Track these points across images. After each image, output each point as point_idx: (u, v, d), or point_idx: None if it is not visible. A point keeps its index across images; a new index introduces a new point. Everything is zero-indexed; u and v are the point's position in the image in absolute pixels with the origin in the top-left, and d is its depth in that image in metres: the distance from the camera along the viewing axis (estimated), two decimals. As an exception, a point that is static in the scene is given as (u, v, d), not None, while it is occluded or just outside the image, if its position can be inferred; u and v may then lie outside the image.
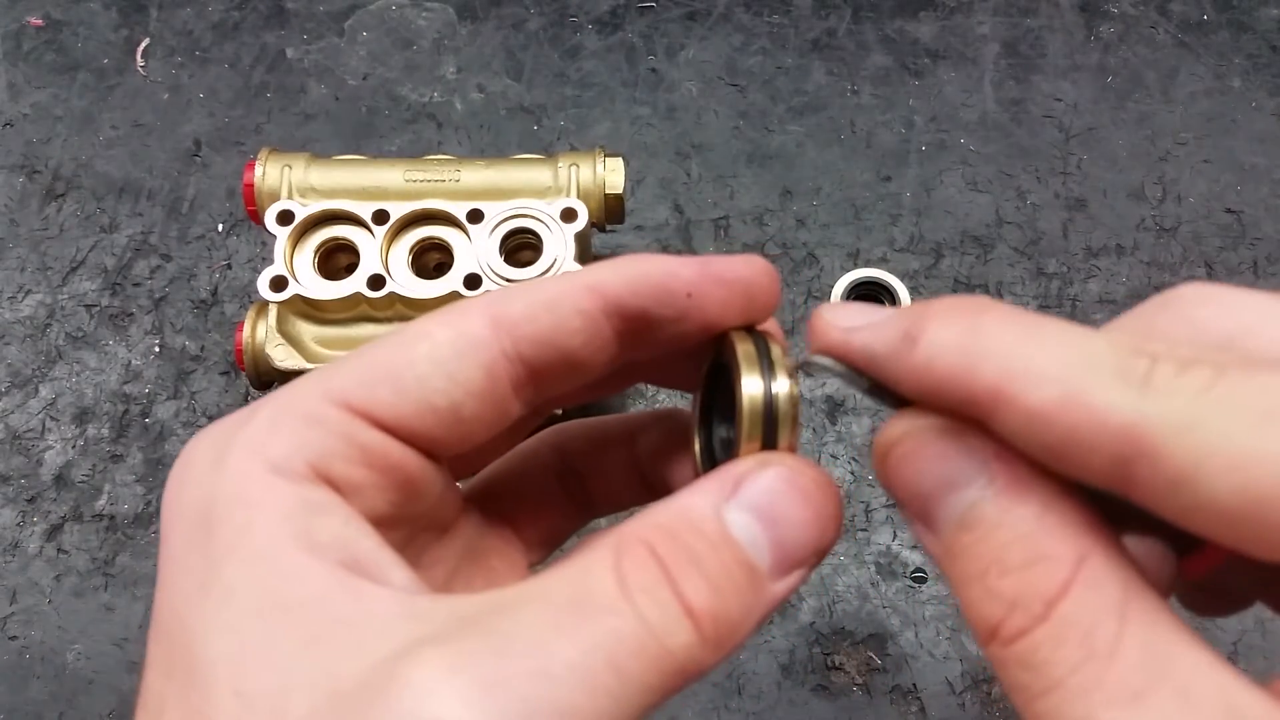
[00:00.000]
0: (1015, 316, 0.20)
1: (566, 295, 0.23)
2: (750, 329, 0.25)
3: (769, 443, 0.23)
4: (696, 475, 0.24)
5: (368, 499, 0.22)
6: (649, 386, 0.62)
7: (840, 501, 0.23)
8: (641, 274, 0.23)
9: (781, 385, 0.23)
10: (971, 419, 0.20)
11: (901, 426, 0.22)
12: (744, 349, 0.24)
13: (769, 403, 0.23)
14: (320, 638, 0.19)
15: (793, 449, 0.23)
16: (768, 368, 0.23)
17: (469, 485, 0.29)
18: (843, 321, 0.23)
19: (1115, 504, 0.19)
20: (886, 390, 0.22)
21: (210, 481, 0.21)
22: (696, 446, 0.26)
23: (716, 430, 0.26)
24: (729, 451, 0.24)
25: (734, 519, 0.21)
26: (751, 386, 0.23)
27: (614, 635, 0.19)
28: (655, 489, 0.29)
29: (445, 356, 0.22)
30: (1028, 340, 0.19)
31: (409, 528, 0.23)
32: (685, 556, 0.20)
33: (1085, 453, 0.18)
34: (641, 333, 0.24)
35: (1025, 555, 0.19)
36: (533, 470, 0.30)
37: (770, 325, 0.25)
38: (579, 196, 0.57)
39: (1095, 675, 0.18)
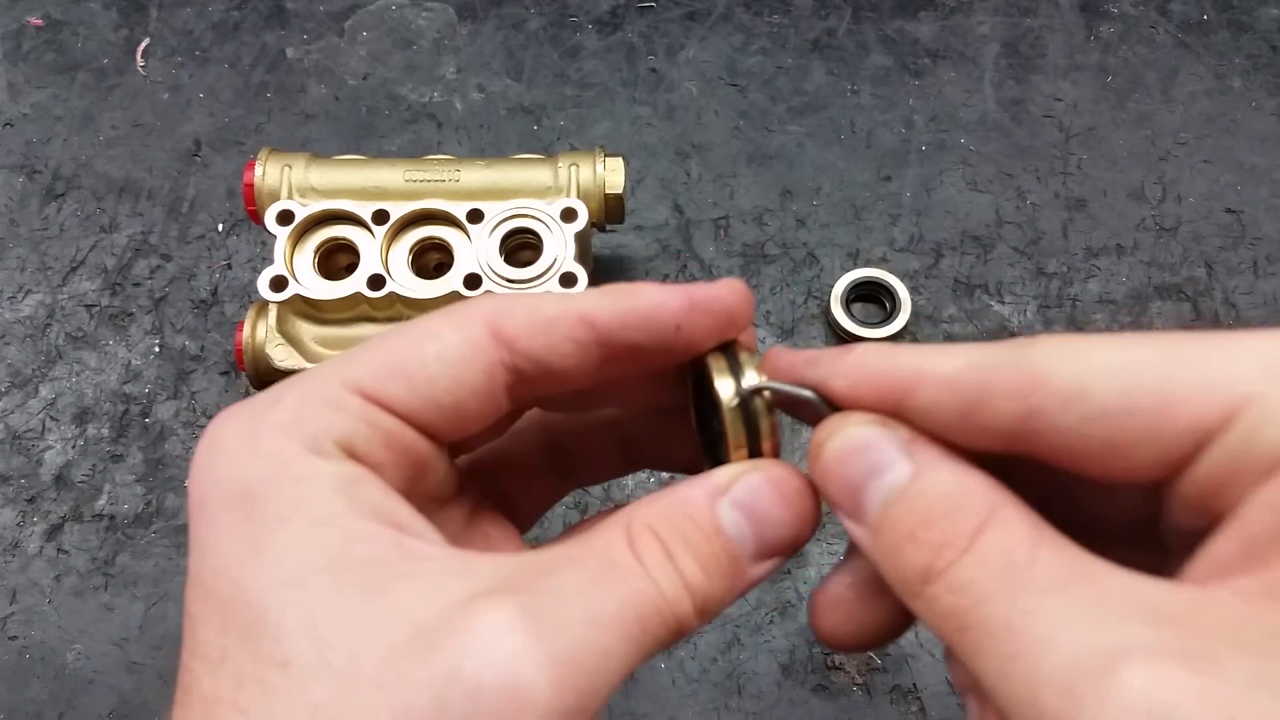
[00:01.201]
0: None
1: (561, 321, 0.26)
2: (725, 344, 0.28)
3: (753, 445, 0.27)
4: (692, 468, 0.29)
5: (388, 476, 0.25)
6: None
7: (817, 503, 0.26)
8: (632, 308, 0.26)
9: (753, 385, 0.26)
10: (891, 411, 0.25)
11: (832, 424, 0.25)
12: (718, 365, 0.27)
13: (748, 411, 0.26)
14: (386, 589, 0.22)
15: (775, 447, 0.27)
16: (740, 378, 0.27)
17: (464, 461, 0.31)
18: (791, 355, 0.27)
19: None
20: (823, 403, 0.26)
21: (247, 459, 0.23)
22: (698, 439, 0.30)
23: (711, 422, 0.28)
24: (720, 447, 0.27)
25: (724, 513, 0.25)
26: (730, 398, 0.26)
27: (641, 596, 0.23)
28: (637, 462, 0.33)
29: (453, 359, 0.25)
30: (933, 348, 0.25)
31: (417, 501, 0.26)
32: (682, 541, 0.24)
33: (994, 399, 0.23)
34: (628, 358, 0.27)
35: (946, 508, 0.23)
36: (522, 448, 0.32)
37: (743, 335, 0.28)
38: (579, 196, 0.57)
39: (1018, 579, 0.21)
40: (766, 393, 0.27)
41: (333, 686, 0.21)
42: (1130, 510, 0.25)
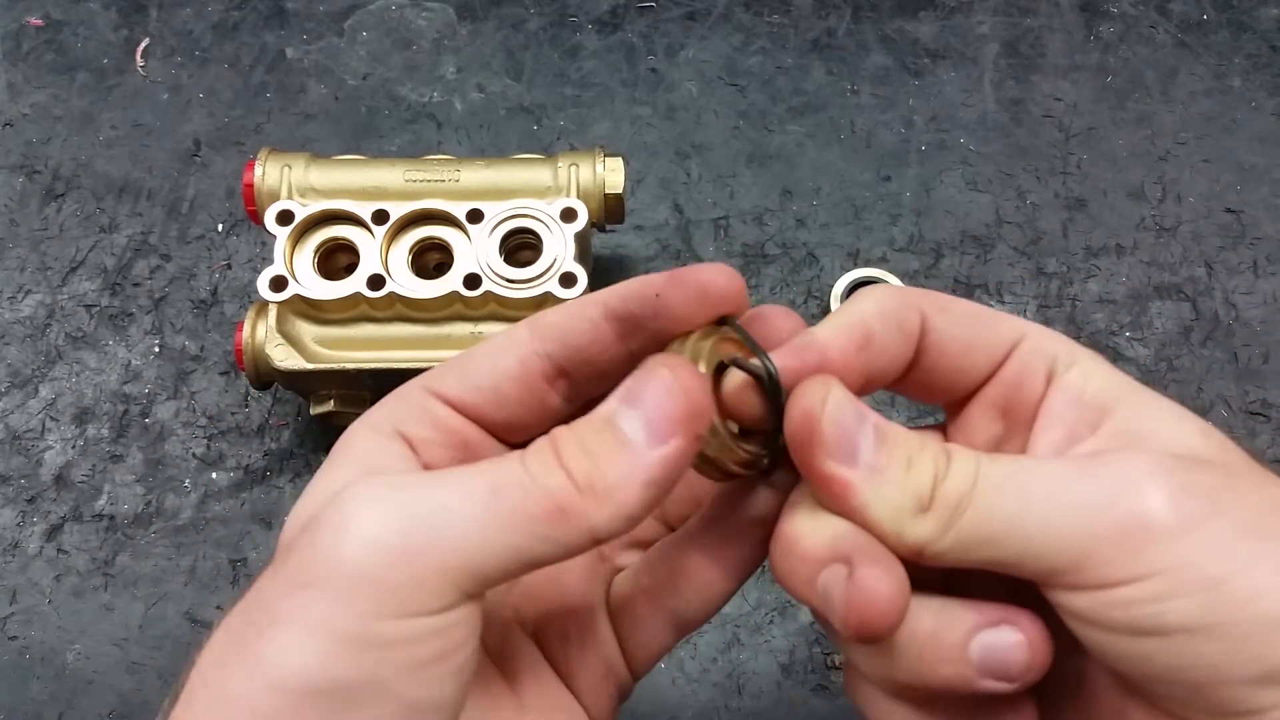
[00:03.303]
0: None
1: (579, 306, 0.32)
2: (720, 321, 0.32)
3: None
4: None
5: (432, 452, 0.31)
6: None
7: (704, 396, 0.29)
8: (627, 285, 0.31)
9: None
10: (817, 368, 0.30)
11: (816, 388, 0.29)
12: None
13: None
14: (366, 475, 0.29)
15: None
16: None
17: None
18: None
19: None
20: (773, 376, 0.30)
21: (344, 439, 0.31)
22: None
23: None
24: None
25: (619, 413, 0.28)
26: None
27: (501, 470, 0.27)
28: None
29: (491, 351, 0.32)
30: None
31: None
32: (573, 437, 0.28)
33: (910, 308, 0.31)
34: (633, 329, 0.31)
35: (921, 440, 0.29)
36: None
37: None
38: (579, 196, 0.57)
39: (999, 457, 0.28)
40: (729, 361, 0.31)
41: (286, 559, 0.27)
42: None
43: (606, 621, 0.35)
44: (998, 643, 0.27)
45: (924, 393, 0.33)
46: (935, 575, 0.31)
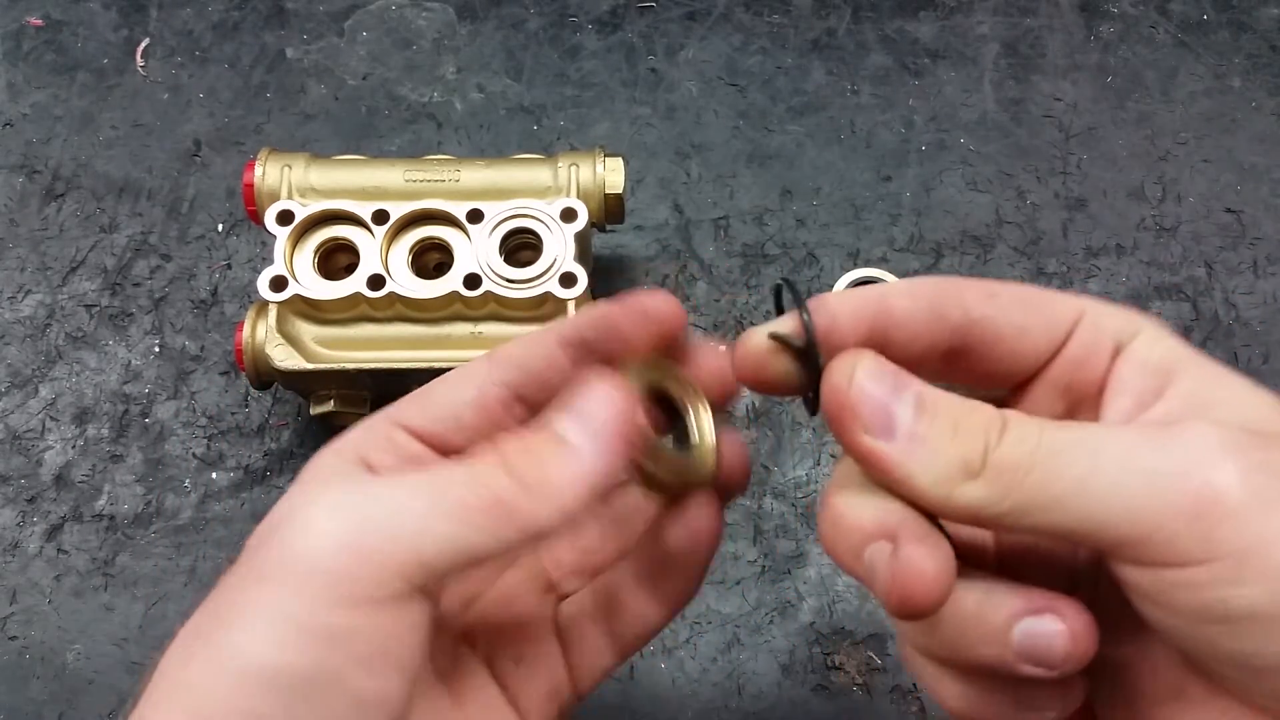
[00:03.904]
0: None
1: (535, 335, 0.34)
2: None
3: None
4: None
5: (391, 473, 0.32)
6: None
7: (633, 407, 0.31)
8: (583, 314, 0.34)
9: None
10: (880, 337, 0.30)
11: (846, 361, 0.29)
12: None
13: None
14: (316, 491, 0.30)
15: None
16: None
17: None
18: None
19: None
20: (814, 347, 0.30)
21: (311, 464, 0.32)
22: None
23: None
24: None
25: (558, 420, 0.30)
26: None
27: (449, 472, 0.29)
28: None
29: (452, 383, 0.34)
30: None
31: None
32: (517, 442, 0.30)
33: (948, 298, 0.30)
34: (586, 353, 0.33)
35: (970, 408, 0.28)
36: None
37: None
38: (579, 196, 0.57)
39: (1050, 441, 0.27)
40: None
41: (249, 559, 0.29)
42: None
43: (555, 643, 0.36)
44: (1039, 630, 0.27)
45: (981, 380, 0.32)
46: (989, 555, 0.32)
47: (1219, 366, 0.29)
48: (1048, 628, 0.27)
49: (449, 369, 0.35)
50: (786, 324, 0.31)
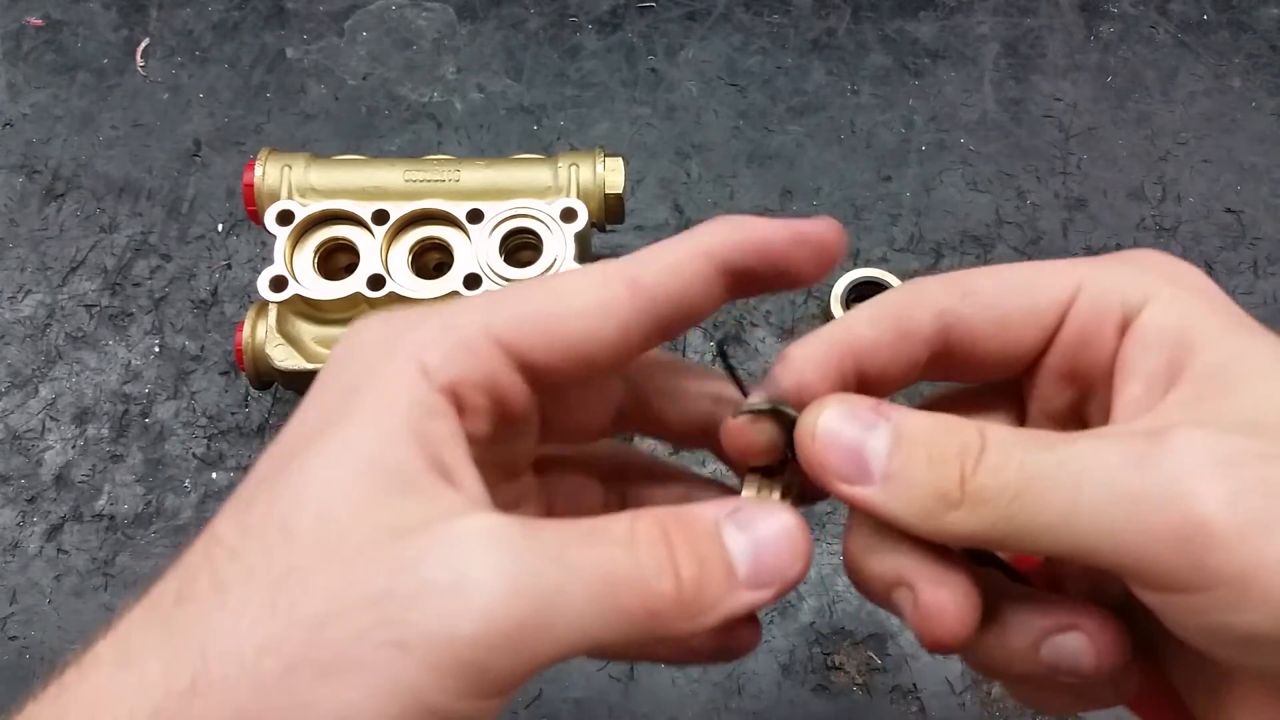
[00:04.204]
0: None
1: (688, 262, 0.28)
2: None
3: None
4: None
5: (479, 420, 0.27)
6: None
7: (809, 555, 0.28)
8: (747, 238, 0.29)
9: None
10: (851, 373, 0.29)
11: (810, 413, 0.28)
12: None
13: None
14: (395, 501, 0.24)
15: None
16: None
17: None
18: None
19: None
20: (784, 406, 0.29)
21: (375, 360, 0.26)
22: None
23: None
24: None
25: (729, 532, 0.26)
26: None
27: (616, 559, 0.25)
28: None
29: (583, 311, 0.27)
30: (836, 320, 0.30)
31: (492, 460, 0.28)
32: (684, 536, 0.26)
33: (915, 313, 0.29)
34: (746, 285, 0.29)
35: (946, 431, 0.26)
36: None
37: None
38: (579, 196, 0.57)
39: (1038, 443, 0.25)
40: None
41: (311, 557, 0.23)
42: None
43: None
44: (1065, 646, 0.27)
45: (977, 376, 0.31)
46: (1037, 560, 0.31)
47: (1246, 331, 0.27)
48: (1073, 645, 0.27)
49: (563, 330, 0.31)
50: (757, 395, 0.29)
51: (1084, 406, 0.29)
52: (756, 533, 0.27)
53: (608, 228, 0.61)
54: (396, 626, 0.23)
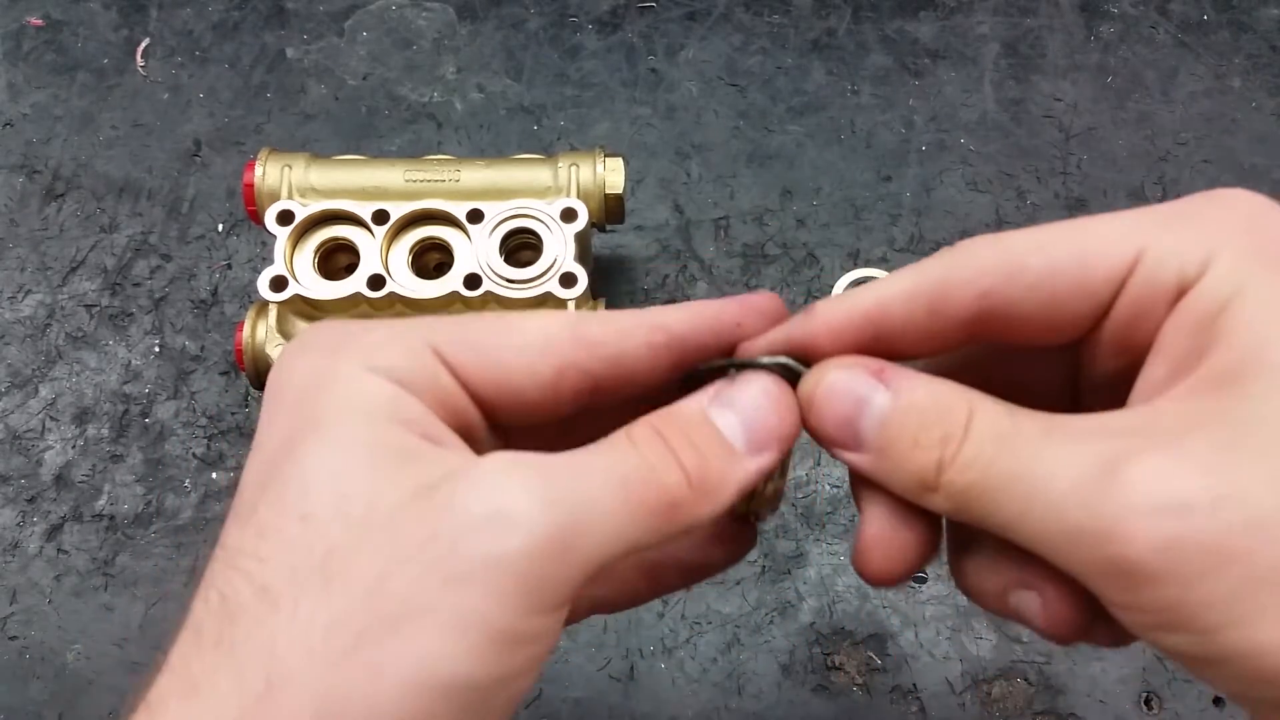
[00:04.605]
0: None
1: (637, 328, 0.29)
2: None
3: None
4: None
5: (431, 430, 0.28)
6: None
7: (794, 401, 0.29)
8: (698, 314, 0.30)
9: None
10: (870, 341, 0.29)
11: (812, 376, 0.29)
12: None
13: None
14: (409, 462, 0.25)
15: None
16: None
17: None
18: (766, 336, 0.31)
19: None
20: (799, 364, 0.30)
21: (326, 365, 0.27)
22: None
23: None
24: None
25: (716, 413, 0.28)
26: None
27: (627, 463, 0.26)
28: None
29: (523, 347, 0.28)
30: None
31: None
32: (678, 430, 0.27)
33: (951, 292, 0.27)
34: (690, 355, 0.30)
35: (936, 411, 0.27)
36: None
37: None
38: (579, 196, 0.57)
39: (1012, 441, 0.26)
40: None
41: (348, 533, 0.24)
42: (1055, 387, 0.31)
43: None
44: (1025, 603, 0.28)
45: (1013, 348, 0.29)
46: None
47: None
48: (1030, 604, 0.28)
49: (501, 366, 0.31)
50: (771, 341, 0.30)
51: (1136, 371, 0.28)
52: (739, 404, 0.28)
53: (608, 228, 0.61)
54: (450, 562, 0.24)
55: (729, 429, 0.28)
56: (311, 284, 0.55)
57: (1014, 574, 0.28)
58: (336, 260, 0.57)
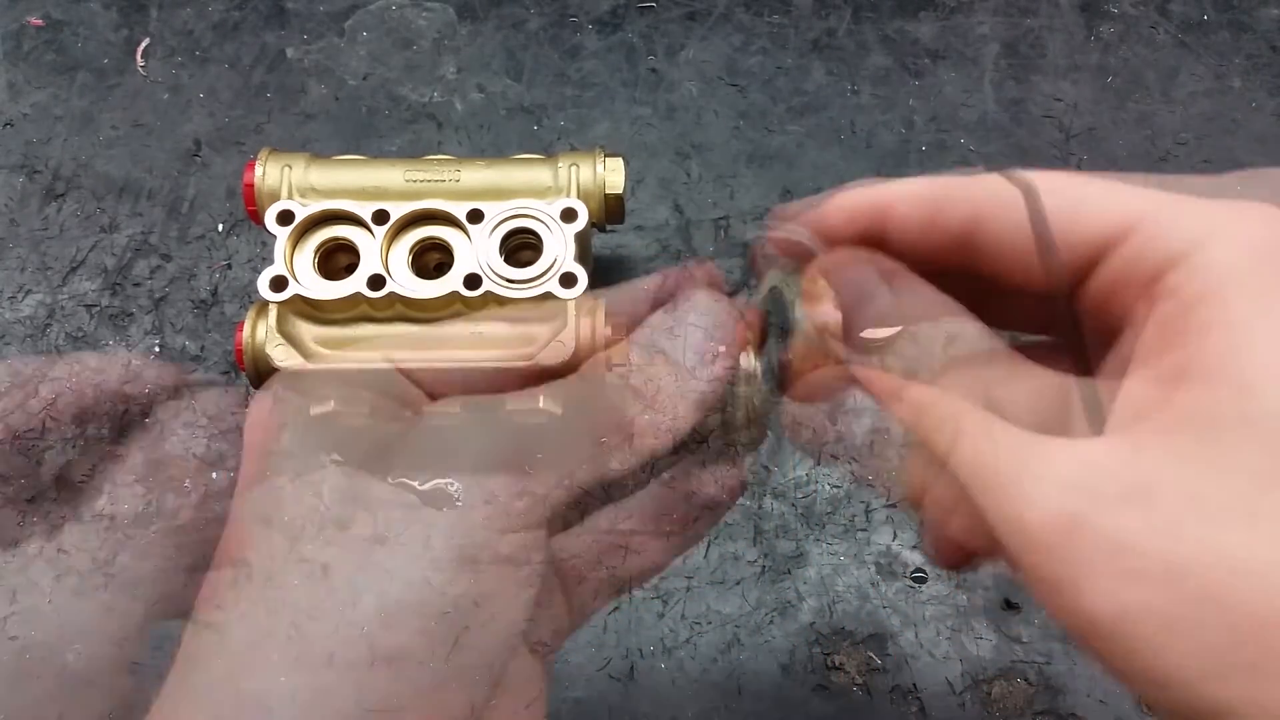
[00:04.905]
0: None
1: (638, 293, 0.36)
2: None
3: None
4: None
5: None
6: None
7: (735, 318, 0.33)
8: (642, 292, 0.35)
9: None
10: (876, 233, 0.30)
11: (821, 262, 0.31)
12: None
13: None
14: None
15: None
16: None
17: None
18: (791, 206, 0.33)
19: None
20: (813, 243, 0.32)
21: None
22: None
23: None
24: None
25: (660, 337, 0.32)
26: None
27: (576, 388, 0.31)
28: None
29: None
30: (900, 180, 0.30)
31: None
32: (625, 358, 0.30)
33: (949, 206, 0.28)
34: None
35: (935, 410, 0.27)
36: None
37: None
38: (579, 196, 0.57)
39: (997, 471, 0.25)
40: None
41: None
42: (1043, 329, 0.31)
43: (558, 586, 0.36)
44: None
45: (999, 287, 0.29)
46: None
47: (1264, 311, 0.23)
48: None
49: (449, 368, 0.34)
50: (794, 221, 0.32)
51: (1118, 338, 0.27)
52: (683, 311, 0.32)
53: (608, 228, 0.61)
54: None
55: (673, 350, 0.31)
56: (312, 284, 0.55)
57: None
58: (337, 260, 0.57)
